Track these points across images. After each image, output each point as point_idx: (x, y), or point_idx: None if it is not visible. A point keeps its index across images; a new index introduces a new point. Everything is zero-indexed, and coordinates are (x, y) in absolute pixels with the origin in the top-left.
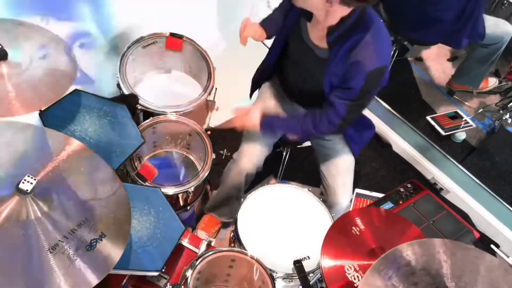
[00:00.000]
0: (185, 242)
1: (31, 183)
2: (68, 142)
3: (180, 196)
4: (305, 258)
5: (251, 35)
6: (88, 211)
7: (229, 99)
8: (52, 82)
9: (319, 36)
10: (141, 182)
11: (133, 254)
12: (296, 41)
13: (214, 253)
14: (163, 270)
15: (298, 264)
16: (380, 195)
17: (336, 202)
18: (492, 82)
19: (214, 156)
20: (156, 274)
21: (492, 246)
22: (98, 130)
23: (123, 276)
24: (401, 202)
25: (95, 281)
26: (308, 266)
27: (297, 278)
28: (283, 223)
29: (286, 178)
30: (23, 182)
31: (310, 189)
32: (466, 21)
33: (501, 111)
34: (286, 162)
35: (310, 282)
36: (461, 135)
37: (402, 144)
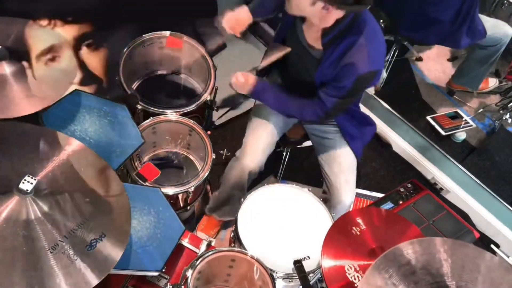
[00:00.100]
0: (185, 242)
1: (31, 183)
2: (68, 142)
3: (180, 196)
4: (305, 258)
5: (233, 26)
6: (88, 211)
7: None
8: (52, 82)
9: (314, 37)
10: (141, 182)
11: (133, 254)
12: (292, 41)
13: (214, 253)
14: (163, 270)
15: (298, 264)
16: (380, 195)
17: (339, 200)
18: (492, 82)
19: (214, 156)
20: (156, 274)
21: (492, 246)
22: (98, 130)
23: (123, 276)
24: (401, 202)
25: (95, 281)
26: (308, 266)
27: (297, 278)
28: (283, 223)
29: (286, 178)
30: (23, 182)
31: (310, 189)
32: (462, 20)
33: (501, 111)
34: (286, 162)
35: (310, 282)
36: (461, 135)
37: (402, 144)
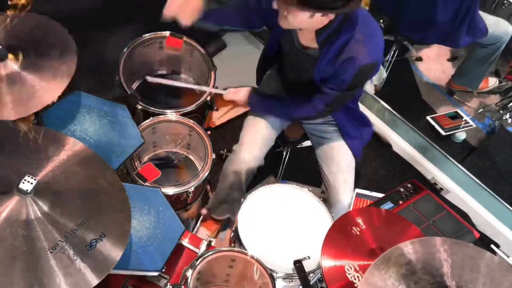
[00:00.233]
0: (185, 242)
1: (31, 183)
2: (68, 142)
3: (180, 196)
4: (305, 258)
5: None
6: (88, 211)
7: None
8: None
9: (309, 38)
10: (141, 182)
11: (133, 254)
12: (288, 44)
13: (214, 253)
14: (163, 270)
15: (298, 264)
16: (380, 195)
17: (337, 200)
18: (492, 82)
19: (214, 156)
20: (156, 274)
21: (492, 246)
22: (98, 130)
23: (123, 276)
24: (401, 202)
25: (95, 281)
26: (308, 266)
27: (297, 278)
28: (283, 223)
29: (286, 178)
30: (23, 182)
31: (310, 189)
32: (462, 19)
33: (501, 111)
34: (286, 162)
35: (310, 282)
36: (461, 135)
37: (402, 144)
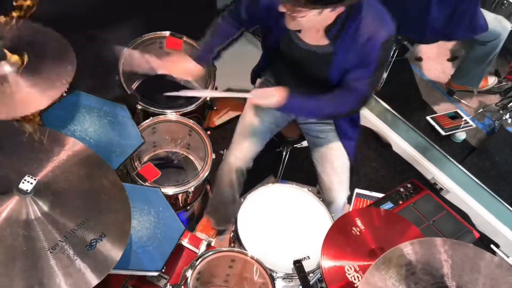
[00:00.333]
0: (185, 242)
1: (31, 183)
2: (68, 142)
3: (180, 196)
4: (305, 258)
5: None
6: (88, 211)
7: (228, 99)
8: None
9: (316, 37)
10: (141, 182)
11: (133, 254)
12: (291, 48)
13: (214, 253)
14: (163, 270)
15: (298, 264)
16: (380, 195)
17: (332, 200)
18: (491, 80)
19: (214, 156)
20: (156, 274)
21: (492, 246)
22: (98, 130)
23: (123, 276)
24: (401, 202)
25: (95, 281)
26: (308, 266)
27: (297, 278)
28: (283, 223)
29: (286, 178)
30: (23, 182)
31: (310, 189)
32: (461, 16)
33: (501, 111)
34: (286, 162)
35: (310, 282)
36: (461, 135)
37: (402, 144)
